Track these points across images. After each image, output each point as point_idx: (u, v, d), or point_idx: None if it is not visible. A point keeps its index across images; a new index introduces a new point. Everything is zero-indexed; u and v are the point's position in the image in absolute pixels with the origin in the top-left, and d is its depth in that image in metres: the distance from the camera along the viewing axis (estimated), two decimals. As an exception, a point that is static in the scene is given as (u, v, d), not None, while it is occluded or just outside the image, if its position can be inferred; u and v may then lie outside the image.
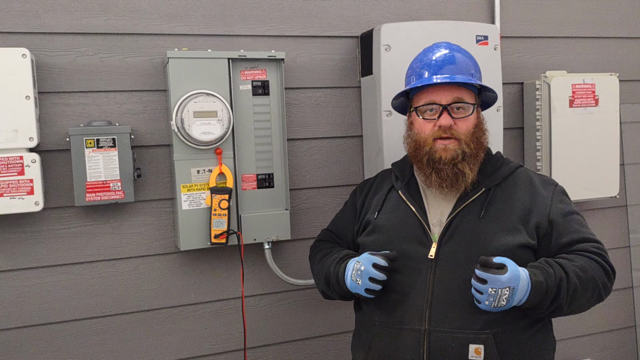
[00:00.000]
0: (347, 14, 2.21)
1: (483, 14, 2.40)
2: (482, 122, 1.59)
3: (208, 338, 2.14)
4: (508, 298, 1.35)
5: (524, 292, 1.37)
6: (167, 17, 2.01)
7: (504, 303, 1.36)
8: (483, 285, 1.35)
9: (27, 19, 1.88)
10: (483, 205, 1.52)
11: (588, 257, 1.48)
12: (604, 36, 2.61)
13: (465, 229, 1.50)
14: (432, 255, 1.50)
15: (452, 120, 1.51)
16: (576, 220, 1.55)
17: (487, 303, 1.36)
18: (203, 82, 1.92)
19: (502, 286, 1.34)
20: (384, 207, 1.64)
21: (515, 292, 1.36)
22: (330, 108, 2.22)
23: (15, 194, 1.79)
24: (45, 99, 1.90)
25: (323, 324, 2.28)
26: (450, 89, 1.53)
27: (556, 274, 1.41)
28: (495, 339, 1.43)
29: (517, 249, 1.47)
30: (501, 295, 1.35)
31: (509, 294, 1.35)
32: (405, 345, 1.48)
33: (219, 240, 1.95)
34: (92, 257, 1.99)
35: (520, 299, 1.38)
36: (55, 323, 1.97)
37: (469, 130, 1.52)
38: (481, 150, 1.56)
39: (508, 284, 1.34)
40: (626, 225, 2.72)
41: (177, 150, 1.92)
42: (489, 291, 1.34)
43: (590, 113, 2.41)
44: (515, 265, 1.38)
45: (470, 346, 1.42)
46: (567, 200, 1.59)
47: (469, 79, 1.53)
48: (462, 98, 1.53)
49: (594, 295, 1.47)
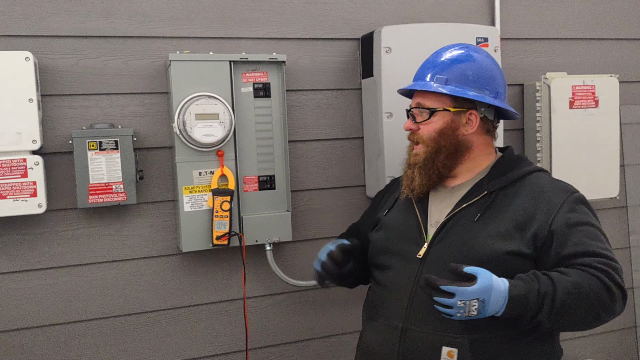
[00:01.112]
0: (347, 17, 2.22)
1: (483, 16, 2.41)
2: (454, 126, 1.53)
3: (210, 339, 2.14)
4: (479, 309, 1.29)
5: (500, 305, 1.31)
6: (169, 20, 2.02)
7: (475, 313, 1.29)
8: (450, 300, 1.28)
9: (30, 22, 1.89)
10: (481, 208, 1.50)
11: (588, 273, 1.37)
12: (603, 38, 2.61)
13: (457, 231, 1.49)
14: (421, 255, 1.51)
15: (414, 125, 1.57)
16: (586, 232, 1.43)
17: (459, 315, 1.30)
18: (205, 84, 1.93)
19: (469, 297, 1.28)
20: (395, 206, 1.67)
21: (487, 304, 1.29)
22: (332, 110, 2.23)
23: (19, 196, 1.80)
24: (48, 101, 1.91)
25: (325, 325, 2.28)
26: (418, 93, 1.58)
27: (541, 289, 1.33)
28: (472, 345, 1.40)
29: (506, 256, 1.42)
30: (470, 307, 1.28)
31: (478, 306, 1.28)
32: (385, 340, 1.51)
33: (221, 241, 1.96)
34: (94, 259, 2.00)
35: (497, 310, 1.31)
36: (58, 324, 1.98)
37: (430, 135, 1.53)
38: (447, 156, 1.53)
39: (476, 295, 1.28)
40: (626, 226, 2.72)
41: (179, 153, 1.93)
42: (458, 303, 1.28)
43: (591, 114, 2.41)
44: (491, 276, 1.31)
45: (443, 348, 1.41)
46: (581, 210, 1.48)
47: (424, 86, 1.54)
48: (422, 103, 1.56)
49: (589, 315, 1.37)
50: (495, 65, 1.59)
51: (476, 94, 1.52)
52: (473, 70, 1.54)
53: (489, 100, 1.52)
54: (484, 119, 1.56)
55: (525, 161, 1.60)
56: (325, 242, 2.13)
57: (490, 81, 1.55)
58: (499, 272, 1.36)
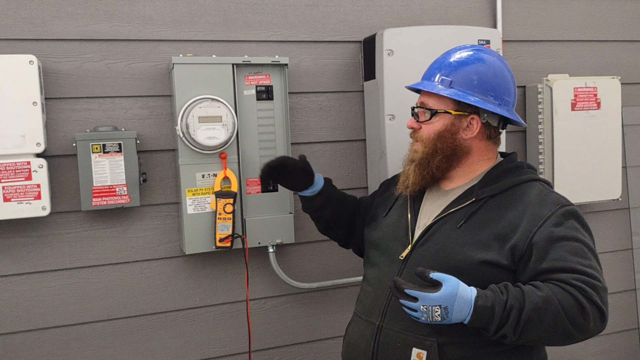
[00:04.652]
0: (350, 19, 2.23)
1: (485, 18, 2.41)
2: (454, 129, 1.52)
3: (213, 341, 2.15)
4: (442, 315, 1.30)
5: (465, 313, 1.31)
6: (172, 23, 2.03)
7: (439, 319, 1.30)
8: (414, 303, 1.31)
9: (34, 26, 1.90)
10: (465, 215, 1.48)
11: (562, 289, 1.32)
12: (605, 39, 2.62)
13: (440, 236, 1.49)
14: (403, 256, 1.52)
15: (416, 123, 1.58)
16: (569, 248, 1.38)
17: (423, 319, 1.32)
18: (208, 87, 1.93)
19: (432, 303, 1.30)
20: (394, 206, 1.69)
21: (450, 311, 1.30)
22: (334, 112, 2.23)
23: (23, 198, 1.80)
24: (52, 104, 1.92)
25: (327, 327, 2.29)
26: (424, 93, 1.58)
27: (508, 302, 1.31)
28: (440, 349, 1.40)
29: (481, 266, 1.40)
30: (433, 313, 1.30)
31: (441, 312, 1.30)
32: (364, 335, 1.54)
33: (224, 244, 1.97)
34: (98, 261, 2.00)
35: (463, 318, 1.31)
36: (61, 327, 1.98)
37: (428, 136, 1.53)
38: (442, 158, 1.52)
39: (439, 302, 1.29)
40: (628, 227, 2.73)
41: (182, 155, 1.94)
42: (421, 308, 1.30)
43: (592, 116, 2.42)
44: (457, 284, 1.31)
45: (413, 349, 1.42)
46: (569, 224, 1.42)
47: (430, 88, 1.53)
48: (425, 103, 1.56)
49: (556, 332, 1.33)
50: (505, 71, 1.54)
51: (478, 100, 1.49)
52: (479, 75, 1.50)
53: (490, 108, 1.48)
54: (487, 124, 1.52)
55: (523, 170, 1.56)
56: (327, 244, 2.16)
57: (497, 87, 1.51)
58: (473, 281, 1.37)
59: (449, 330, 1.39)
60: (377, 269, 1.60)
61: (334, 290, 2.28)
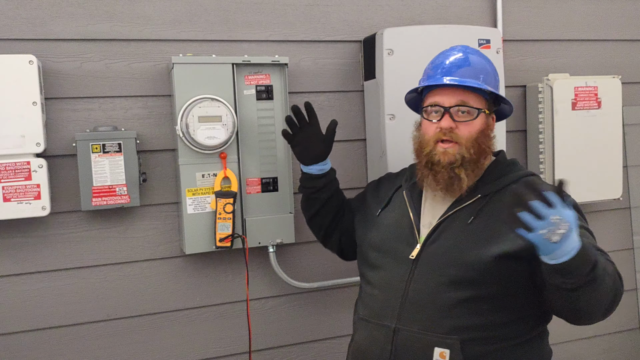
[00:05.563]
0: (349, 19, 2.23)
1: (485, 18, 2.41)
2: (488, 128, 1.56)
3: (213, 341, 2.15)
4: (562, 237, 1.17)
5: (574, 248, 1.21)
6: (172, 23, 2.03)
7: (558, 238, 1.17)
8: (547, 210, 1.15)
9: (33, 26, 1.90)
10: (474, 211, 1.49)
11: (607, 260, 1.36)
12: (606, 39, 2.61)
13: (450, 233, 1.49)
14: (413, 255, 1.51)
15: (453, 123, 1.51)
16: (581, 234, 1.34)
17: (543, 231, 1.16)
18: (207, 87, 1.93)
19: (565, 218, 1.16)
20: (389, 206, 1.67)
21: (569, 237, 1.19)
22: (334, 112, 2.23)
23: (23, 198, 1.80)
24: (52, 104, 1.92)
25: (328, 327, 2.29)
26: (456, 92, 1.52)
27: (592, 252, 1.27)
28: (462, 346, 1.39)
29: (496, 261, 1.40)
30: (557, 230, 1.16)
31: (565, 232, 1.17)
32: (377, 340, 1.50)
33: (224, 243, 1.97)
34: (98, 261, 2.00)
35: (570, 249, 1.21)
36: (61, 327, 1.98)
37: (470, 135, 1.50)
38: (483, 156, 1.53)
39: (570, 220, 1.17)
40: (629, 227, 2.72)
41: (182, 155, 1.94)
42: (552, 218, 1.15)
43: (593, 116, 2.41)
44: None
45: (435, 349, 1.40)
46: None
47: (477, 84, 1.51)
48: (467, 102, 1.51)
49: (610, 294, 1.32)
50: None
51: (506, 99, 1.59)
52: (493, 70, 1.58)
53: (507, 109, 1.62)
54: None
55: (518, 165, 1.62)
56: (328, 243, 2.15)
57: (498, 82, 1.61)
58: (489, 277, 1.38)
59: (470, 326, 1.40)
60: (383, 271, 1.57)
61: (334, 290, 2.28)
